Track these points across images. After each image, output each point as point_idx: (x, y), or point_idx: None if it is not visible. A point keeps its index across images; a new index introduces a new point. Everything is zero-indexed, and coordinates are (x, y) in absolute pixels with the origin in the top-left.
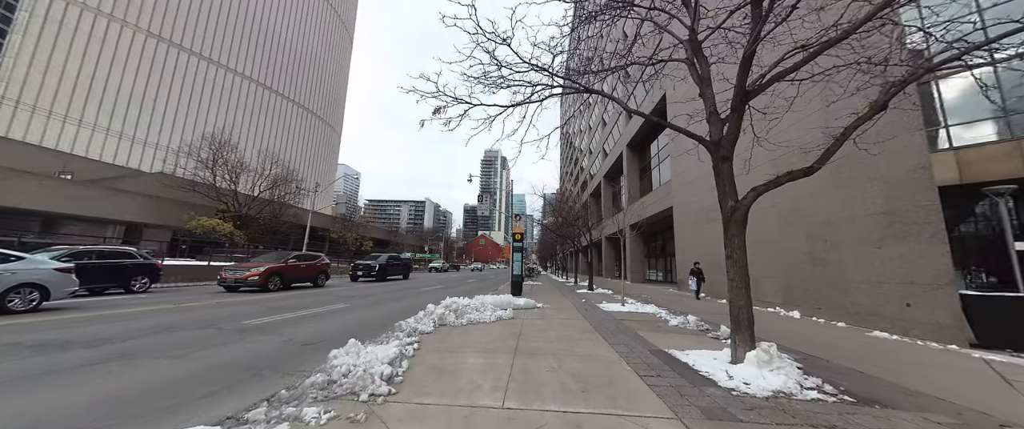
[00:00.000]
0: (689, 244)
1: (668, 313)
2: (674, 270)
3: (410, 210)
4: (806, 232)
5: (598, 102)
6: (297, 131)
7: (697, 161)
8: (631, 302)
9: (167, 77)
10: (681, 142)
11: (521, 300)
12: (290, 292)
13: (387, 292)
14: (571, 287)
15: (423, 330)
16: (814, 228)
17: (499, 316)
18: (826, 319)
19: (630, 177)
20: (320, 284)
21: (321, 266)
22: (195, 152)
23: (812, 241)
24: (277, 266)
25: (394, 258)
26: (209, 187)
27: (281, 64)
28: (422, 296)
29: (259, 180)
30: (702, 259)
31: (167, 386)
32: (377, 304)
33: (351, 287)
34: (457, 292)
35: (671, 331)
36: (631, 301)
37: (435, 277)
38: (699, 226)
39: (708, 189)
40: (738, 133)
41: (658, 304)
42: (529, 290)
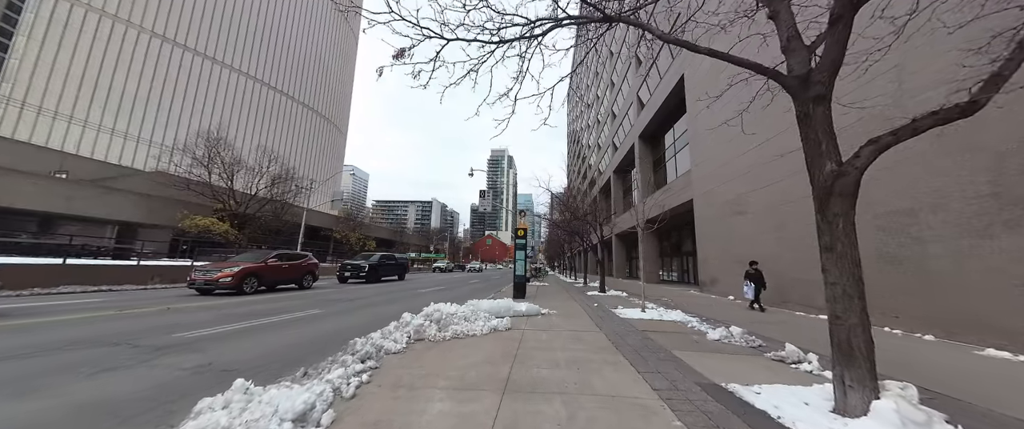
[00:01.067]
0: (712, 241)
1: (701, 322)
2: (691, 269)
3: (417, 210)
4: (875, 223)
5: (606, 95)
6: (301, 131)
7: (726, 143)
8: (652, 307)
9: (166, 74)
10: (706, 121)
11: (523, 305)
12: (269, 295)
13: (376, 295)
14: (580, 288)
15: (389, 349)
16: (886, 219)
17: (494, 327)
18: (905, 330)
19: (643, 170)
20: (306, 286)
21: (307, 266)
22: (190, 149)
23: (884, 234)
24: (254, 266)
25: (388, 257)
26: (204, 185)
27: (285, 63)
28: (414, 300)
29: (257, 178)
30: (728, 258)
31: None
32: (356, 310)
33: (339, 289)
34: (455, 295)
35: (716, 350)
36: (652, 305)
37: (436, 278)
38: (725, 220)
39: (737, 176)
40: (841, 58)
41: (685, 309)
42: (534, 293)
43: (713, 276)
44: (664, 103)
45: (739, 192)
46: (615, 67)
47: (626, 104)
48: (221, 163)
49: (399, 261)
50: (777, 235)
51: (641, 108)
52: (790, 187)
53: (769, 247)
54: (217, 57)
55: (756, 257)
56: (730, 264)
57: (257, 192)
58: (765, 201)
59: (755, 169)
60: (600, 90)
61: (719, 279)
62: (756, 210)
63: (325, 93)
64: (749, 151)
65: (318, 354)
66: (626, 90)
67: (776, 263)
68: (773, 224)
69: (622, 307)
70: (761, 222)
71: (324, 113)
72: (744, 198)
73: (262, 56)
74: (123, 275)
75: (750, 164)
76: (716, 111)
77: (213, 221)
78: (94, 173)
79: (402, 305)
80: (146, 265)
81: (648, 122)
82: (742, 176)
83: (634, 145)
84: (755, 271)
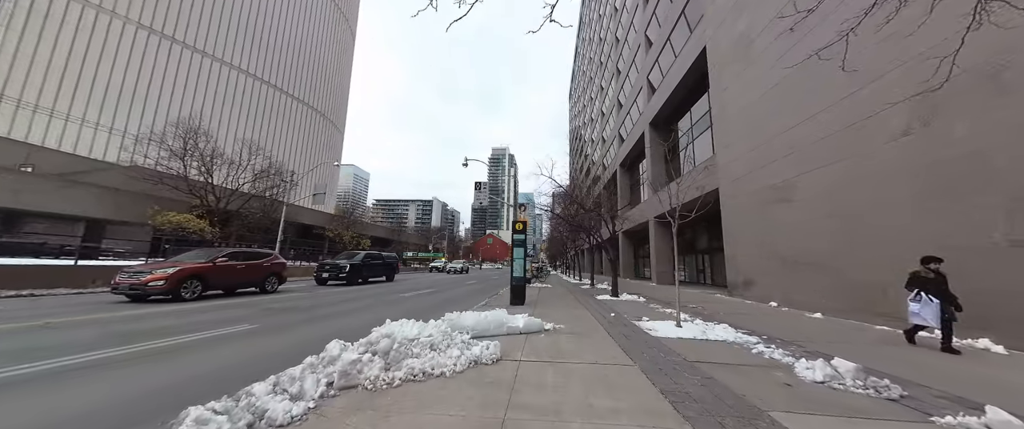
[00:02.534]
0: (745, 235)
1: (766, 343)
2: (709, 269)
3: (418, 210)
4: (1005, 204)
5: (612, 84)
6: (295, 127)
7: (764, 119)
8: (688, 319)
9: (141, 63)
10: (736, 97)
11: (520, 319)
12: (218, 301)
13: (348, 300)
14: (587, 290)
15: (275, 419)
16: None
17: (474, 359)
18: None
19: (654, 161)
20: (270, 289)
21: (270, 267)
22: (163, 139)
23: (1015, 217)
24: (196, 267)
25: (373, 256)
26: (178, 179)
27: (277, 57)
28: (391, 306)
29: (239, 172)
30: (768, 255)
31: None
32: (301, 325)
33: (311, 293)
34: (440, 300)
35: (832, 404)
36: (688, 318)
37: (430, 279)
38: (763, 210)
39: (781, 156)
40: None
41: (733, 323)
42: (536, 297)
43: (747, 277)
44: (681, 83)
45: (784, 176)
46: (621, 54)
47: (633, 92)
48: (199, 156)
49: (387, 260)
50: (837, 226)
51: (652, 93)
52: (865, 164)
53: (824, 241)
54: (206, 50)
55: (809, 252)
56: (771, 263)
57: (239, 187)
58: (820, 185)
59: (806, 147)
60: (604, 80)
61: (756, 281)
62: (807, 196)
63: (321, 89)
64: (797, 126)
65: (154, 415)
66: (634, 76)
67: (834, 260)
68: (829, 212)
69: (647, 318)
70: (814, 210)
71: (320, 109)
72: (791, 183)
73: (253, 49)
74: (59, 277)
75: (800, 141)
76: (752, 79)
77: (188, 217)
78: (64, 166)
79: (374, 314)
80: (86, 266)
81: (660, 107)
82: (787, 156)
83: (644, 134)
84: (935, 275)
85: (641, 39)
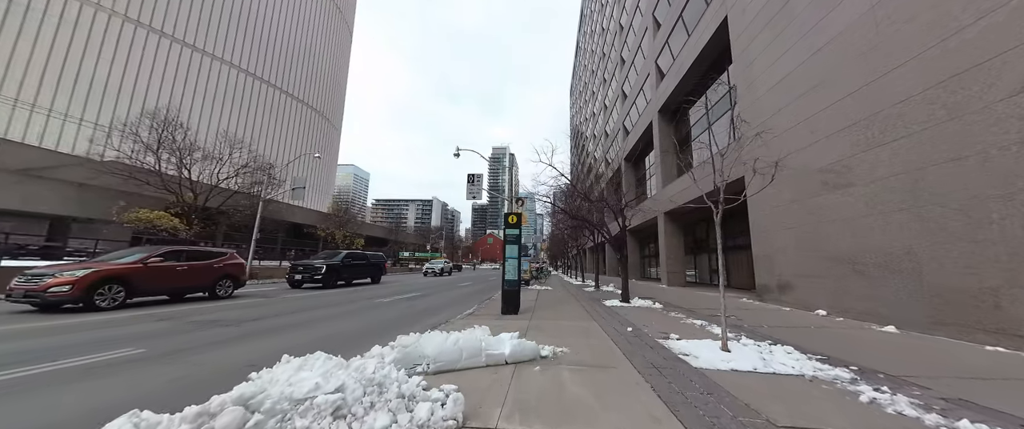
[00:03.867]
0: (781, 230)
1: (868, 381)
2: (726, 269)
3: (418, 209)
4: None
5: (616, 73)
6: (288, 124)
7: (808, 91)
8: (735, 337)
9: (113, 53)
10: (767, 69)
11: (507, 340)
12: (142, 310)
13: (307, 308)
14: (591, 293)
15: None
16: None
17: (421, 426)
18: None
19: (664, 152)
20: (223, 294)
21: (223, 268)
22: (136, 133)
23: None
24: (116, 269)
25: (355, 256)
26: (151, 174)
27: (268, 51)
28: (354, 317)
29: (219, 167)
30: (813, 253)
31: None
32: (220, 346)
33: (275, 298)
34: (424, 306)
35: None
36: (731, 333)
37: (424, 281)
38: (805, 199)
39: (832, 133)
40: None
41: (795, 343)
42: (533, 302)
43: (783, 280)
44: (695, 63)
45: (836, 156)
46: (626, 41)
47: (639, 80)
48: (176, 149)
49: (372, 260)
50: (917, 216)
51: (660, 79)
52: (964, 132)
53: (896, 235)
54: (191, 42)
55: (873, 250)
56: (817, 263)
57: (219, 183)
58: (892, 163)
59: (869, 117)
60: (607, 72)
61: (794, 284)
62: (872, 179)
63: (316, 86)
64: (858, 91)
65: None
66: (640, 64)
67: (910, 260)
68: (905, 198)
69: (676, 335)
70: (881, 196)
71: (315, 106)
72: (847, 164)
73: (241, 42)
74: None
75: (860, 111)
76: (789, 47)
77: (160, 214)
78: (32, 161)
79: (326, 330)
80: (8, 267)
81: (671, 92)
82: (843, 131)
83: (652, 123)
84: None
85: (648, 21)
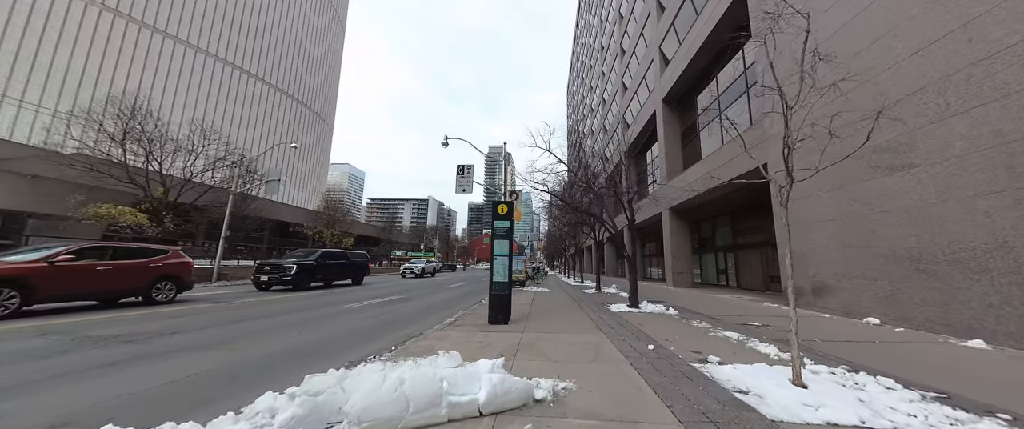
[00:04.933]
0: (815, 223)
1: None
2: (736, 270)
3: (413, 208)
4: None
5: (616, 65)
6: (275, 119)
7: (849, 56)
8: (812, 365)
9: (90, 40)
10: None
11: (485, 379)
12: (48, 319)
13: (254, 317)
14: (593, 296)
15: None
16: None
17: None
18: None
19: (669, 143)
20: (162, 298)
21: (160, 268)
22: (100, 122)
23: None
24: (10, 269)
25: (332, 255)
26: (113, 165)
27: (253, 42)
28: (308, 329)
29: (192, 160)
30: (861, 250)
31: None
32: (45, 386)
33: (226, 304)
34: (397, 314)
35: None
36: (808, 360)
37: (409, 283)
38: (850, 187)
39: (889, 103)
40: None
41: (902, 378)
42: (528, 307)
43: (819, 281)
44: (705, 44)
45: (892, 131)
46: (626, 30)
47: (641, 69)
48: (145, 140)
49: (353, 260)
50: (1013, 203)
51: (665, 66)
52: None
53: (982, 227)
54: (168, 32)
55: (948, 245)
56: (866, 262)
57: (192, 177)
58: (975, 138)
59: (940, 84)
60: (606, 65)
61: (835, 287)
62: (943, 158)
63: (305, 80)
64: (920, 51)
65: None
66: (641, 52)
67: (1012, 257)
68: (993, 182)
69: (715, 358)
70: (958, 181)
71: (305, 101)
72: (909, 141)
73: (219, 31)
74: None
75: (926, 75)
76: (829, 3)
77: (122, 210)
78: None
79: (261, 348)
80: None
81: (677, 78)
82: (901, 101)
83: (655, 114)
84: None
85: (652, 5)
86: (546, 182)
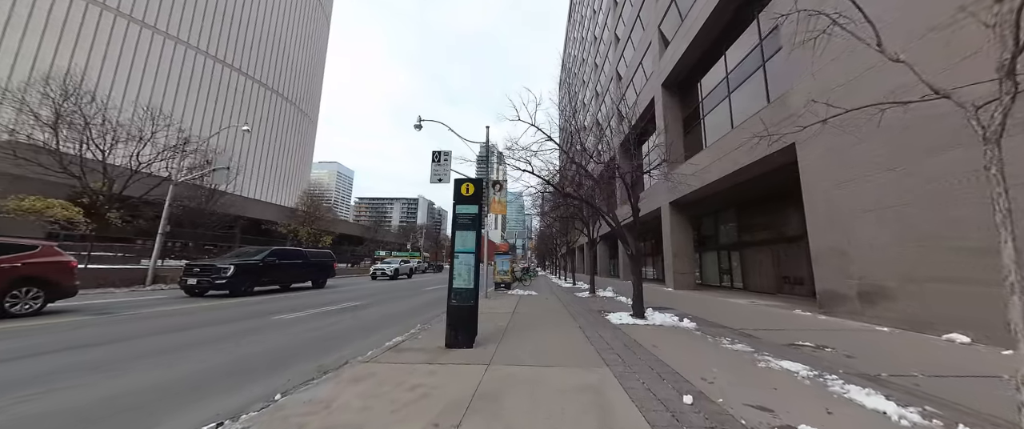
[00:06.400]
0: (865, 212)
1: None
2: (741, 270)
3: (403, 208)
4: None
5: (609, 55)
6: (250, 112)
7: None
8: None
9: (44, 22)
10: None
11: None
12: None
13: (139, 334)
14: (586, 299)
15: None
16: None
17: None
18: None
19: (671, 132)
20: (20, 309)
21: (22, 270)
22: (17, 98)
23: None
24: None
25: (286, 255)
26: (41, 152)
27: (227, 29)
28: (180, 359)
29: (139, 147)
30: (927, 244)
31: None
32: None
33: (137, 312)
34: (342, 326)
35: None
36: (910, 405)
37: (376, 286)
38: (918, 162)
39: (969, 53)
40: None
41: None
42: (510, 314)
43: (871, 285)
44: (711, 16)
45: (986, 90)
46: (621, 16)
47: (637, 55)
48: (83, 124)
49: (313, 260)
50: None
51: (665, 47)
52: None
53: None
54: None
55: (961, 245)
56: (950, 259)
57: (139, 166)
58: None
59: None
60: (599, 56)
61: (896, 292)
62: None
63: (286, 72)
64: None
65: None
66: (638, 36)
67: None
68: None
69: (781, 412)
70: None
71: (285, 94)
72: None
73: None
74: None
75: None
76: None
77: (51, 203)
78: None
79: (86, 395)
80: None
81: (679, 58)
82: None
83: (654, 100)
84: None
85: None
86: (530, 162)
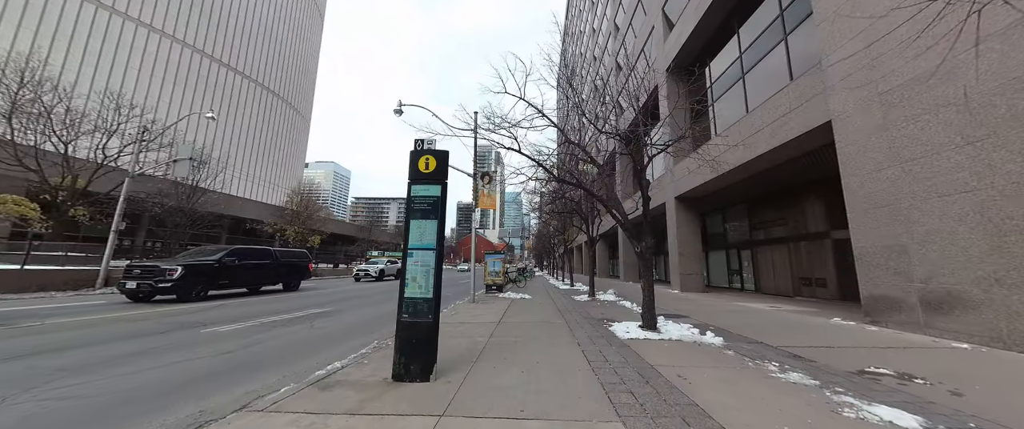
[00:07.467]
0: (935, 196)
1: None
2: (753, 270)
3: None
4: None
5: (609, 45)
6: (241, 107)
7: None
8: None
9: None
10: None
11: None
12: None
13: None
14: (585, 303)
15: None
16: None
17: None
18: None
19: (675, 114)
20: None
21: None
22: None
23: None
24: None
25: (248, 254)
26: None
27: (225, 28)
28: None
29: (105, 139)
30: None
31: None
32: None
33: (45, 325)
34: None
35: None
36: None
37: (354, 289)
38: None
39: None
40: None
41: None
42: (493, 324)
43: (941, 289)
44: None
45: None
46: (621, 3)
47: (639, 42)
48: (42, 114)
49: (284, 260)
50: None
51: (669, 31)
52: None
53: None
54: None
55: None
56: None
57: (105, 159)
58: None
59: None
60: (598, 48)
61: (978, 299)
62: None
63: (277, 67)
64: None
65: None
66: (640, 22)
67: None
68: None
69: None
70: None
71: (276, 90)
72: None
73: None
74: None
75: None
76: None
77: (3, 198)
78: None
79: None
80: None
81: (685, 40)
82: None
83: (657, 88)
84: None
85: None
86: (516, 138)
